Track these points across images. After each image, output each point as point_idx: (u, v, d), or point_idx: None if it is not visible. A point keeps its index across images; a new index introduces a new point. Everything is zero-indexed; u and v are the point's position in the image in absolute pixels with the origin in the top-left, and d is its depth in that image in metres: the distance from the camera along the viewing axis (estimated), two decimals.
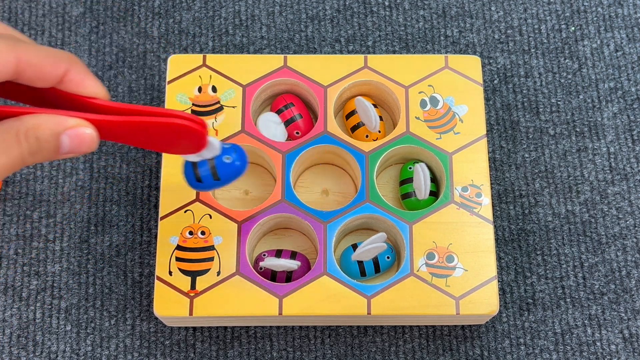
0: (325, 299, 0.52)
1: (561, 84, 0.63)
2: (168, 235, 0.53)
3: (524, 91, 0.63)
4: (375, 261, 0.54)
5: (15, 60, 0.33)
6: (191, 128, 0.40)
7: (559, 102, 0.63)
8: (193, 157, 0.45)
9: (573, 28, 0.65)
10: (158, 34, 0.64)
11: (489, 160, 0.58)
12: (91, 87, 0.37)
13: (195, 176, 0.46)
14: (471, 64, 0.58)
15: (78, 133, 0.35)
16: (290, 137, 0.58)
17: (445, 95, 0.57)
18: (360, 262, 0.54)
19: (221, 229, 0.53)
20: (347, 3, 0.66)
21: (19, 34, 0.37)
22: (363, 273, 0.54)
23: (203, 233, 0.53)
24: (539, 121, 0.62)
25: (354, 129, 0.58)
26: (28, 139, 0.34)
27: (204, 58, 0.58)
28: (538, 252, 0.59)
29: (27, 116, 0.35)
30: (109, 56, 0.64)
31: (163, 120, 0.39)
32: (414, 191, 0.55)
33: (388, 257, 0.55)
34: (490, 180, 0.60)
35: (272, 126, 0.57)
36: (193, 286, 0.52)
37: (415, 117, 0.56)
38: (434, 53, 0.64)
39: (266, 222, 0.54)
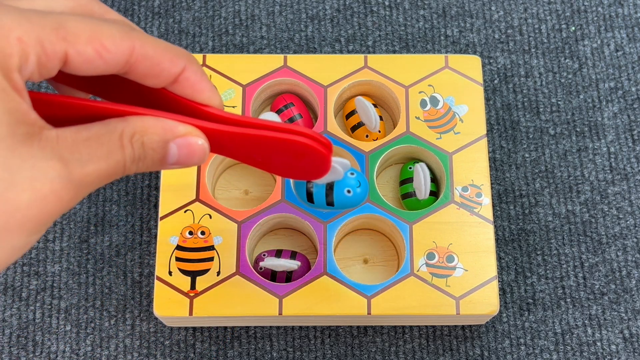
0: (325, 299, 0.52)
1: (561, 83, 0.63)
2: (168, 235, 0.53)
3: (524, 91, 0.63)
4: (329, 191, 0.44)
5: (129, 50, 0.28)
6: (314, 149, 0.35)
7: (559, 102, 0.63)
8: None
9: (573, 28, 0.65)
10: (158, 34, 0.64)
11: (489, 160, 0.58)
12: (207, 91, 0.32)
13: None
14: (471, 64, 0.58)
15: (189, 143, 0.31)
16: None
17: (446, 95, 0.57)
18: (309, 192, 0.45)
19: (221, 229, 0.53)
20: (347, 3, 0.66)
21: (134, 26, 0.31)
22: (310, 199, 0.46)
23: (203, 233, 0.53)
24: (539, 121, 0.62)
25: (354, 129, 0.58)
26: (133, 144, 0.29)
27: (204, 58, 0.58)
28: (538, 252, 0.59)
29: (132, 117, 0.29)
30: None
31: (284, 137, 0.34)
32: (414, 191, 0.55)
33: (349, 191, 0.44)
34: (491, 180, 0.60)
35: None
36: (193, 286, 0.52)
37: (415, 117, 0.56)
38: (434, 53, 0.64)
39: (266, 222, 0.54)
